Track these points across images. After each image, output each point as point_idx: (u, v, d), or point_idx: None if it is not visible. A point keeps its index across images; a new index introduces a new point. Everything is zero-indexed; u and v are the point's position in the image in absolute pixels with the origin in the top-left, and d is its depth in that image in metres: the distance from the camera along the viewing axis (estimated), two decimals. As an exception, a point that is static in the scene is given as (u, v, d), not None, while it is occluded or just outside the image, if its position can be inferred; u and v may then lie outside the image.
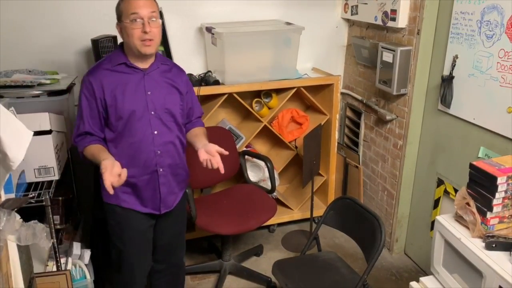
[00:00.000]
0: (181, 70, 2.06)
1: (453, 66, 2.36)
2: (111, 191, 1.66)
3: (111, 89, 1.85)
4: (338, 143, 3.23)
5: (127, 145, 1.90)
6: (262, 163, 2.95)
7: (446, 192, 2.53)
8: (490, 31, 2.12)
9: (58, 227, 2.29)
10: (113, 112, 1.87)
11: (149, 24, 1.79)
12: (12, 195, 1.72)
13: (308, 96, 3.03)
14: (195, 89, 2.73)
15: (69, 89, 2.29)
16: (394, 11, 2.63)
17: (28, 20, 2.65)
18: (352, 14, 3.08)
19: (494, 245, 1.59)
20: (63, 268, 2.06)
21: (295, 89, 2.96)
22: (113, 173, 1.68)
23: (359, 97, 3.16)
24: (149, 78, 1.91)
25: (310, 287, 2.13)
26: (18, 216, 1.29)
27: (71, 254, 2.27)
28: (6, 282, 1.22)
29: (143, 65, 1.90)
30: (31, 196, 1.87)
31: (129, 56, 1.88)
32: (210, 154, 1.89)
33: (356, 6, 3.01)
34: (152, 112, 1.90)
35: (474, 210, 1.68)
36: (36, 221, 1.22)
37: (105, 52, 2.60)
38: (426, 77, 2.63)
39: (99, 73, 1.87)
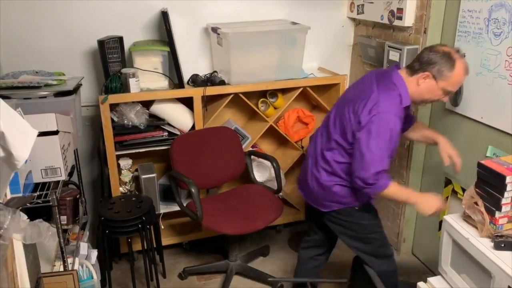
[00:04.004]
0: None
1: (460, 64, 2.34)
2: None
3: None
4: (344, 143, 3.21)
5: None
6: (268, 163, 2.94)
7: (454, 191, 2.51)
8: (498, 29, 2.10)
9: (65, 227, 2.30)
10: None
11: None
12: (19, 196, 1.73)
13: (314, 96, 3.02)
14: (201, 89, 2.75)
15: (75, 90, 2.30)
16: (400, 10, 2.62)
17: (35, 21, 2.66)
18: (358, 13, 3.07)
19: (503, 245, 1.58)
20: (70, 268, 2.07)
21: (301, 89, 2.95)
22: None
23: (366, 97, 3.14)
24: None
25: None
26: (25, 216, 1.29)
27: (78, 254, 2.28)
28: (12, 281, 1.22)
29: None
30: (35, 195, 1.88)
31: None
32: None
33: (362, 5, 3.00)
34: None
35: (483, 209, 1.66)
36: (41, 220, 1.22)
37: (111, 53, 2.60)
38: (433, 76, 2.60)
39: (400, 113, 1.95)
